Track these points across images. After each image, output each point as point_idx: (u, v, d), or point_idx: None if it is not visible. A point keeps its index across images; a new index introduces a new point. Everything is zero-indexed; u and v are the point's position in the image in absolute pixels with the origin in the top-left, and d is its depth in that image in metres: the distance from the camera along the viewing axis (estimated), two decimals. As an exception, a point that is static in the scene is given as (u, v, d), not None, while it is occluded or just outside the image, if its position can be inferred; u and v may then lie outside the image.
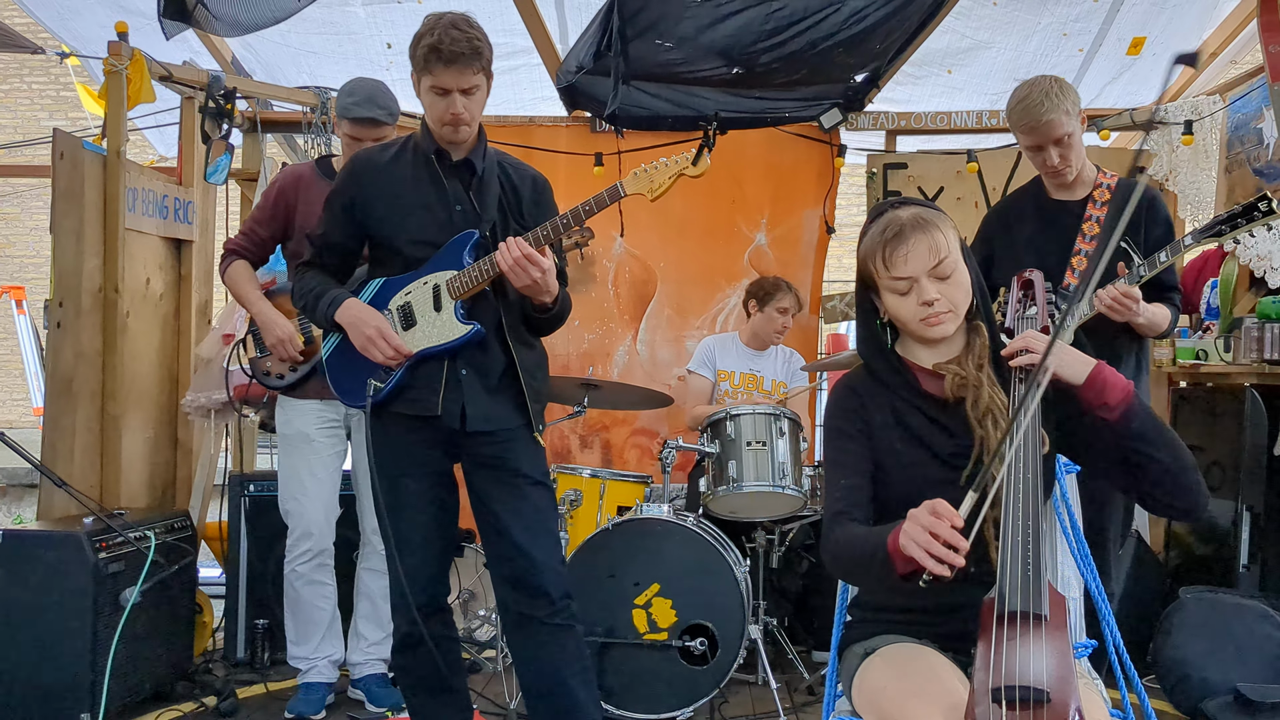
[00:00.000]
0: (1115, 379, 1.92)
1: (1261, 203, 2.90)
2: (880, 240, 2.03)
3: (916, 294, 2.01)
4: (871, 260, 2.05)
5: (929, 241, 1.99)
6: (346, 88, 3.58)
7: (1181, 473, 1.89)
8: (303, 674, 3.77)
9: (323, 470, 3.66)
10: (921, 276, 2.00)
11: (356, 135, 3.52)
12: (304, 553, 3.64)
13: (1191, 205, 4.90)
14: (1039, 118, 3.14)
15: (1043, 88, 3.14)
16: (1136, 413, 1.90)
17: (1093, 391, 1.91)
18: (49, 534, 3.45)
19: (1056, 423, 2.01)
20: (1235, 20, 4.79)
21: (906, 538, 1.68)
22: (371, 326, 2.77)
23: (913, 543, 1.66)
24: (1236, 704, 3.33)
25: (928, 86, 5.44)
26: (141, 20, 4.53)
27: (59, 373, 4.02)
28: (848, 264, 11.21)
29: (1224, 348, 4.10)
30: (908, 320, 2.05)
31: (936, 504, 1.68)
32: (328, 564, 3.71)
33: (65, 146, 4.01)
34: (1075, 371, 1.93)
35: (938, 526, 1.65)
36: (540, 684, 2.87)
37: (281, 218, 3.61)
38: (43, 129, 11.34)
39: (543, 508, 2.88)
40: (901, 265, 2.00)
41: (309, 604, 3.71)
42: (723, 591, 3.60)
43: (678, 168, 2.82)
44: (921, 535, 1.65)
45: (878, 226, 2.06)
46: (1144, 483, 1.92)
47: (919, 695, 1.80)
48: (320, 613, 3.74)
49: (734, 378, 4.61)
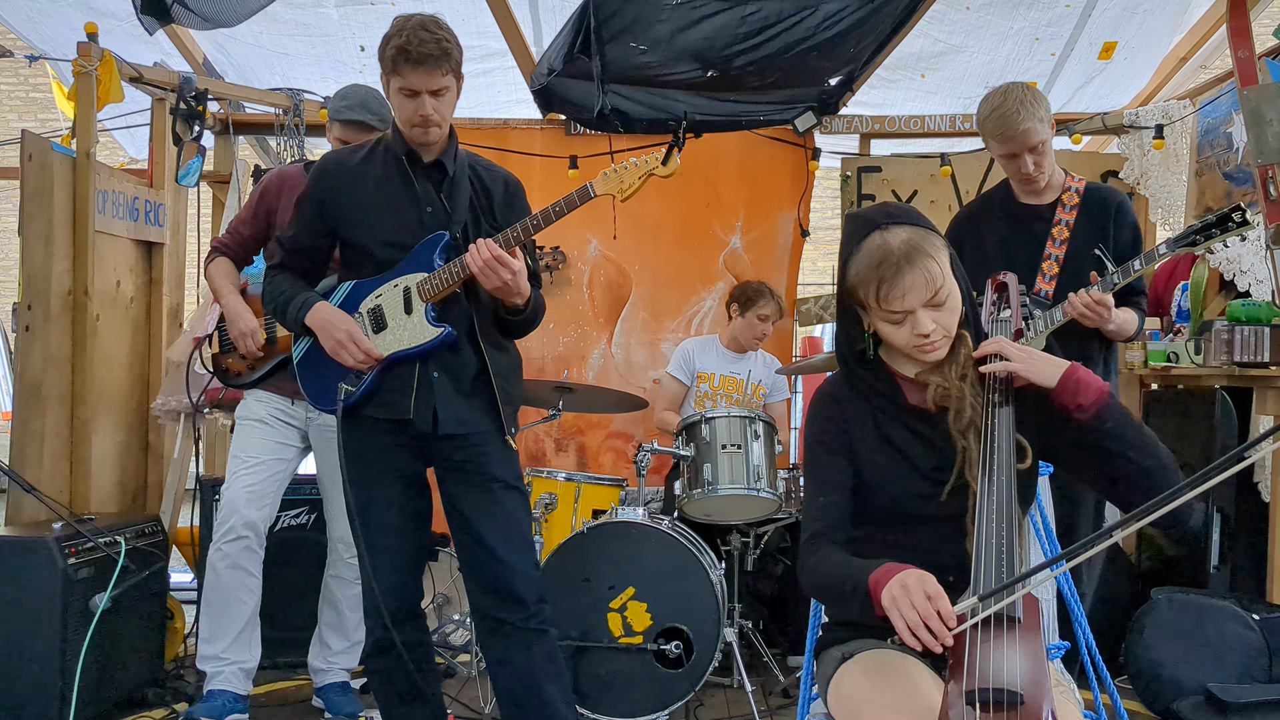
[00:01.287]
0: (1089, 379, 1.91)
1: (1235, 213, 2.92)
2: (876, 275, 1.95)
3: (911, 324, 1.97)
4: (863, 289, 1.98)
5: (925, 275, 1.93)
6: (341, 92, 3.58)
7: (1161, 473, 1.86)
8: (209, 678, 3.50)
9: (261, 452, 3.53)
10: (918, 309, 1.96)
11: (345, 139, 3.49)
12: (226, 532, 3.45)
13: (1163, 209, 4.94)
14: (1015, 127, 3.14)
15: (1016, 96, 3.14)
16: (1111, 413, 1.89)
17: (1066, 393, 1.91)
18: (17, 539, 3.41)
19: (1036, 427, 2.00)
20: (1205, 25, 4.83)
21: (893, 602, 1.68)
22: (342, 330, 2.76)
23: (899, 613, 1.67)
24: (1208, 704, 3.35)
25: (902, 90, 5.46)
26: (112, 22, 4.49)
27: (28, 376, 3.97)
28: (822, 266, 11.24)
29: (1194, 350, 4.13)
30: (901, 346, 2.01)
31: (928, 584, 1.68)
32: (255, 552, 3.49)
33: (34, 148, 3.97)
34: (1047, 375, 1.92)
35: (930, 617, 1.64)
36: (515, 688, 2.86)
37: (263, 217, 3.58)
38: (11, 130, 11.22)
39: (515, 512, 2.87)
40: (899, 301, 1.95)
41: (228, 592, 3.47)
42: (698, 594, 3.60)
43: (647, 168, 2.82)
44: (910, 614, 1.65)
45: (870, 255, 1.97)
46: (1121, 485, 1.90)
47: (895, 708, 1.79)
48: (240, 606, 3.49)
49: (714, 379, 4.61)
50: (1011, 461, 1.89)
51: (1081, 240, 3.25)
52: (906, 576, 1.70)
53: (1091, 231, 3.26)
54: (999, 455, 1.89)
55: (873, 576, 1.75)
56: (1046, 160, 3.24)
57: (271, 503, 3.56)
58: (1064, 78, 5.31)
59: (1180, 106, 4.87)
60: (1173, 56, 5.10)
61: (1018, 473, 1.90)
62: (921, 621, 1.64)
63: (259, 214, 3.59)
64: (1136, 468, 1.87)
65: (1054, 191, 3.33)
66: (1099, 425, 1.88)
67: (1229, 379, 3.90)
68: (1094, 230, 3.26)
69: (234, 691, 3.49)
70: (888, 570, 1.75)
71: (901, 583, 1.69)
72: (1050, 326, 3.17)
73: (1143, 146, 4.99)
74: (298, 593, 4.02)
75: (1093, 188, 3.36)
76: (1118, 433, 1.88)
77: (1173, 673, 3.49)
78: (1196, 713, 3.36)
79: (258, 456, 3.53)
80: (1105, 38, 4.99)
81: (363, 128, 3.49)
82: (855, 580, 1.79)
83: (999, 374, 1.98)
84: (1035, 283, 3.25)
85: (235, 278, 3.61)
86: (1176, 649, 3.52)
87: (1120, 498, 1.94)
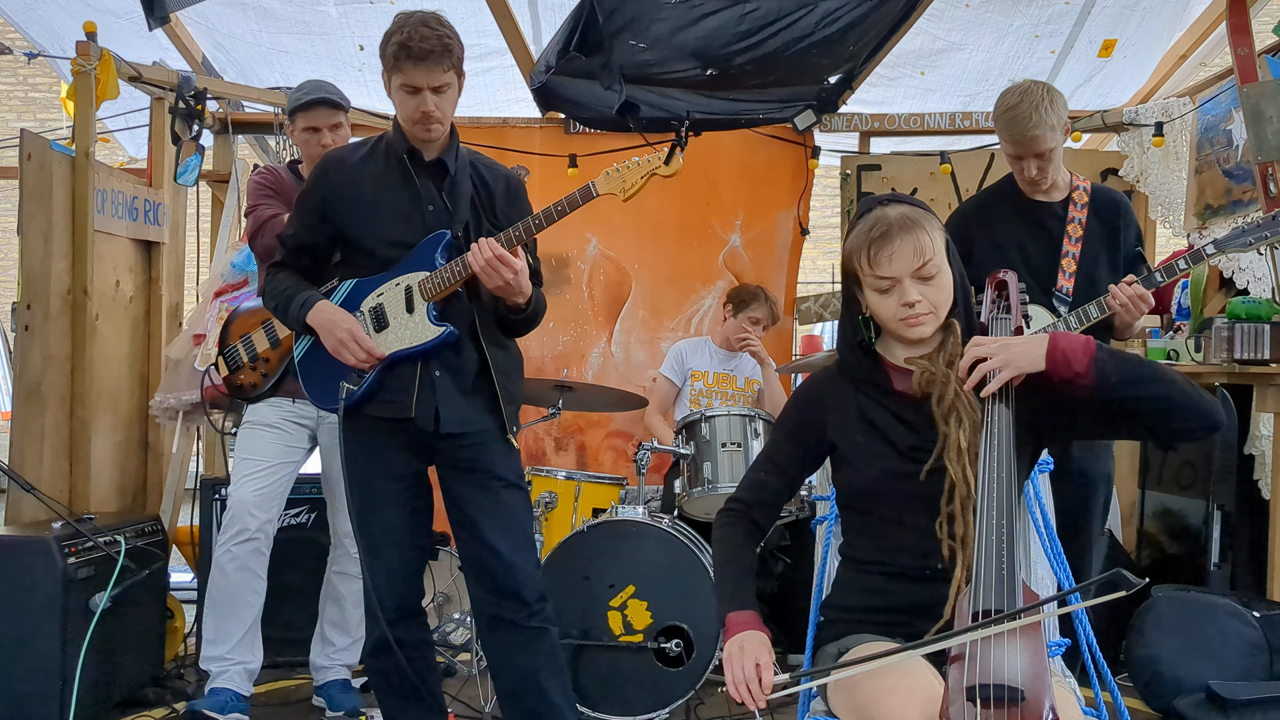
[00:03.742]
0: (1072, 344, 1.92)
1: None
2: (866, 238, 2.03)
3: (898, 294, 2.02)
4: (856, 257, 2.06)
5: (915, 243, 1.99)
6: (296, 88, 3.59)
7: (1182, 396, 1.87)
8: (213, 677, 3.49)
9: (271, 456, 3.53)
10: (905, 278, 2.00)
11: (314, 125, 3.49)
12: (237, 533, 3.45)
13: (1162, 206, 4.93)
14: (1025, 132, 3.09)
15: (1034, 99, 3.07)
16: (1107, 366, 1.89)
17: (1059, 367, 1.92)
18: (17, 539, 3.41)
19: (1032, 410, 2.01)
20: (1205, 23, 4.83)
21: (728, 657, 1.92)
22: (343, 329, 2.75)
23: (729, 668, 1.90)
24: (1208, 702, 3.35)
25: (901, 88, 5.46)
26: (111, 19, 4.49)
27: (27, 376, 3.97)
28: (822, 265, 11.24)
29: (1195, 348, 4.13)
30: (887, 319, 2.06)
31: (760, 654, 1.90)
32: (263, 554, 3.51)
33: (33, 147, 3.96)
34: (1033, 358, 1.94)
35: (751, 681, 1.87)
36: (515, 687, 2.86)
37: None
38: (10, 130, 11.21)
39: (517, 510, 2.87)
40: (885, 265, 2.00)
41: (236, 594, 3.47)
42: (698, 593, 3.59)
43: (650, 167, 2.82)
44: (737, 672, 1.88)
45: (865, 223, 2.06)
46: (1149, 422, 1.92)
47: (895, 690, 1.80)
48: (247, 608, 3.50)
49: (707, 377, 4.62)
50: (1010, 448, 1.90)
51: (1094, 239, 3.24)
52: (745, 639, 1.93)
53: (1102, 231, 3.25)
54: (996, 443, 1.90)
55: (730, 617, 1.99)
56: (1052, 167, 3.19)
57: (279, 505, 3.57)
58: (1064, 75, 5.31)
59: (1180, 104, 4.87)
60: (1172, 54, 5.10)
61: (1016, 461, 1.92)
62: (744, 682, 1.87)
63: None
64: (1156, 403, 1.88)
65: (1062, 190, 3.30)
66: (1104, 382, 1.89)
67: (1229, 376, 3.90)
68: (1105, 229, 3.25)
69: (237, 691, 3.48)
70: (736, 622, 1.97)
71: (740, 644, 1.92)
72: (1085, 323, 3.12)
73: (1142, 144, 4.99)
74: (298, 592, 4.01)
75: (1099, 188, 3.35)
76: (1125, 380, 1.89)
77: (1173, 670, 3.49)
78: (1197, 710, 3.36)
79: (267, 460, 3.53)
80: (1105, 35, 4.99)
81: (326, 105, 3.49)
82: (722, 603, 2.03)
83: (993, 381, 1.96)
84: (1057, 280, 3.23)
85: None
86: (1177, 646, 3.52)
87: (1156, 434, 1.96)
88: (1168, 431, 1.93)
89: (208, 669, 3.53)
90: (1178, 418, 1.88)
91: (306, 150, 3.56)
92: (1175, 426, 1.90)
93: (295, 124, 3.55)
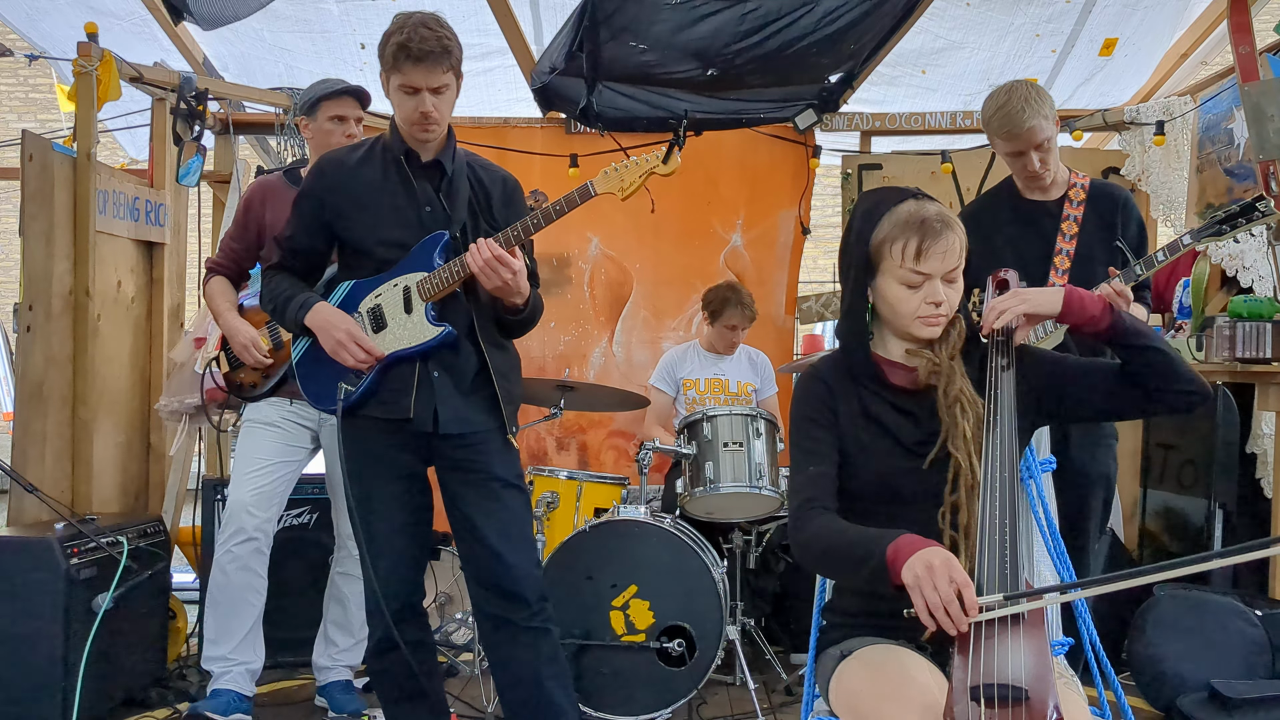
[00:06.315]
0: (1084, 293, 2.01)
1: (1259, 202, 2.90)
2: (917, 231, 1.99)
3: (926, 292, 2.01)
4: (894, 244, 2.01)
5: (956, 246, 2.01)
6: (312, 85, 3.61)
7: (1180, 362, 1.96)
8: (215, 678, 3.50)
9: (271, 455, 3.53)
10: (938, 276, 2.01)
11: (342, 113, 3.52)
12: (235, 533, 3.45)
13: (1164, 205, 4.93)
14: (1021, 125, 3.11)
15: (1021, 94, 3.11)
16: (1120, 312, 1.99)
17: (1075, 313, 2.00)
18: (20, 540, 3.41)
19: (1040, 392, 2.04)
20: (1206, 21, 4.83)
21: (916, 580, 1.67)
22: (341, 330, 2.75)
23: (920, 593, 1.66)
24: (1211, 700, 3.34)
25: (902, 87, 5.45)
26: (111, 20, 4.49)
27: (29, 377, 3.97)
28: (823, 264, 11.23)
29: (1196, 346, 4.13)
30: (905, 314, 2.04)
31: (954, 569, 1.67)
32: (264, 554, 3.51)
33: (34, 148, 3.96)
34: (1050, 303, 2.02)
35: (951, 603, 1.64)
36: (517, 687, 2.86)
37: (252, 230, 3.58)
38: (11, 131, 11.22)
39: (517, 511, 2.87)
40: (930, 262, 1.99)
41: (237, 594, 3.48)
42: (700, 593, 3.60)
43: (648, 166, 2.81)
44: (933, 595, 1.65)
45: (908, 215, 2.01)
46: (1157, 382, 1.96)
47: (894, 698, 1.80)
48: (248, 607, 3.51)
49: (699, 384, 4.63)
50: (1013, 447, 1.91)
51: (1090, 235, 3.24)
52: (932, 556, 1.69)
53: (1100, 226, 3.25)
54: (1000, 442, 1.91)
55: (891, 546, 1.74)
56: (1052, 157, 3.22)
57: (279, 504, 3.56)
58: (1065, 74, 5.31)
59: (1181, 103, 4.87)
60: (1173, 53, 5.10)
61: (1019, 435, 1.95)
62: (943, 605, 1.64)
63: (248, 227, 3.60)
64: (1161, 357, 1.96)
65: (1059, 187, 3.31)
66: (1120, 325, 1.98)
67: (1231, 375, 3.90)
68: (1102, 225, 3.25)
69: (239, 692, 3.48)
70: (909, 542, 1.73)
71: (927, 562, 1.68)
72: None
73: (1144, 143, 4.98)
74: (299, 592, 4.02)
75: (1098, 183, 3.35)
76: (1136, 328, 1.98)
77: (1175, 669, 3.49)
78: (1199, 709, 3.36)
79: (266, 460, 3.53)
80: (1106, 34, 4.99)
81: (356, 99, 3.54)
82: (869, 548, 1.78)
83: (1010, 323, 2.04)
84: (1050, 278, 3.23)
85: (232, 295, 3.61)
86: (1179, 645, 3.52)
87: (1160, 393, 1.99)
88: (1171, 393, 1.97)
89: (210, 669, 3.53)
90: (1181, 380, 1.95)
91: (328, 141, 3.54)
92: (1178, 388, 1.96)
93: (317, 116, 3.56)
